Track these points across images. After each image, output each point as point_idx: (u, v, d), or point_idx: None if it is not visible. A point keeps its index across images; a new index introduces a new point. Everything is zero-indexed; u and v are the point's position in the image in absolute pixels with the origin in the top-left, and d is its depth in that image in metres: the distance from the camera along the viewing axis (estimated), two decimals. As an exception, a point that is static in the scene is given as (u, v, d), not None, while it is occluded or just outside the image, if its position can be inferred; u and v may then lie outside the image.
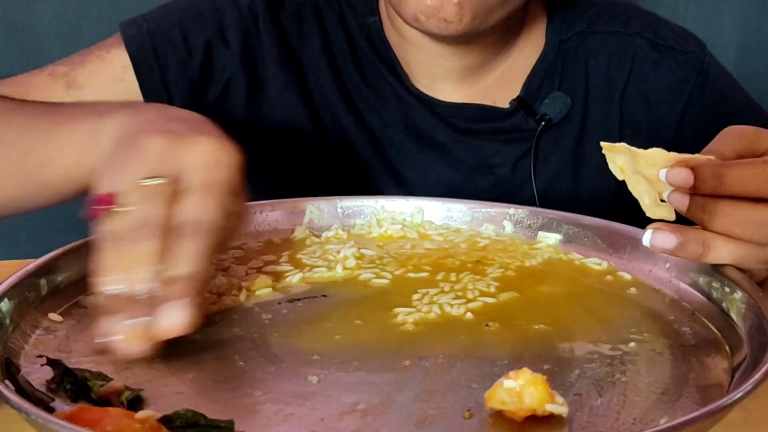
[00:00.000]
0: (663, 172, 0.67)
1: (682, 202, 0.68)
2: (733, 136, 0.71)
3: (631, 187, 0.70)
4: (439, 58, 1.01)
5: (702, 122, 1.04)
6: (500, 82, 1.04)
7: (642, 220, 0.80)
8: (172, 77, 0.99)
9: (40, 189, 0.83)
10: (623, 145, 0.68)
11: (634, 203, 0.74)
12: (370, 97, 1.03)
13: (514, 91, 1.04)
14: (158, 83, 0.98)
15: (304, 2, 1.04)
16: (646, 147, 0.68)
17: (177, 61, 0.99)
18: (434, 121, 1.03)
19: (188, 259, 0.60)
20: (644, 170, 0.68)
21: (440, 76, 1.03)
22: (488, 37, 0.99)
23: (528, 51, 1.05)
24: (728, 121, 1.02)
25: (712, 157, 0.67)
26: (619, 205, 1.03)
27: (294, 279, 0.74)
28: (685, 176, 0.66)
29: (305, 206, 0.86)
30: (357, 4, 1.05)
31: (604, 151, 0.70)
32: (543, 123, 1.02)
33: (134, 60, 0.98)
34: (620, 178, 0.70)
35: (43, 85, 0.96)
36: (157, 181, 0.61)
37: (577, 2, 1.07)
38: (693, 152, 0.68)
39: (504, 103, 1.03)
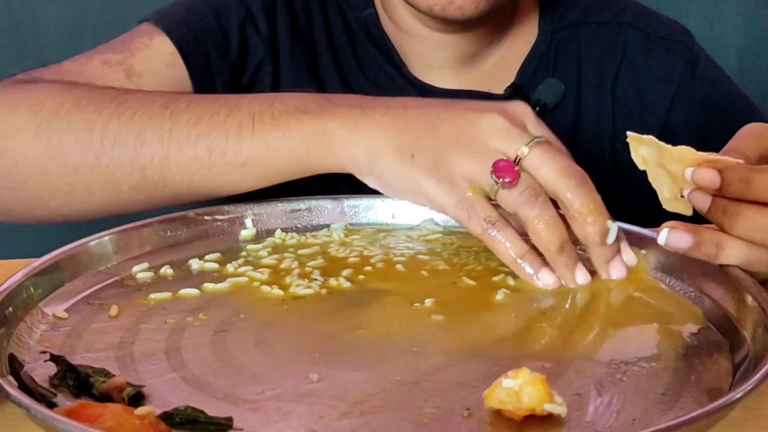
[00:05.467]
0: (689, 171, 0.66)
1: (704, 202, 0.67)
2: (755, 135, 0.71)
3: (651, 179, 0.70)
4: (436, 48, 1.04)
5: (691, 109, 1.07)
6: (495, 70, 1.07)
7: (640, 209, 0.79)
8: (215, 63, 0.99)
9: (234, 185, 0.80)
10: (651, 138, 0.68)
11: (631, 187, 0.74)
12: (369, 88, 1.04)
13: (509, 78, 1.06)
14: (204, 69, 0.98)
15: None
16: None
17: (217, 48, 0.99)
18: None
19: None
20: (669, 165, 0.68)
21: (436, 65, 1.05)
22: (484, 26, 1.02)
23: (520, 40, 1.08)
24: (717, 109, 1.06)
25: (741, 161, 0.66)
26: (616, 190, 1.03)
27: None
28: (712, 177, 0.65)
29: (300, 206, 0.86)
30: None
31: (629, 140, 0.70)
32: (538, 108, 1.03)
33: (180, 46, 0.96)
34: (642, 168, 0.70)
35: (103, 74, 0.92)
36: (539, 139, 0.73)
37: None
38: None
39: (499, 89, 1.06)
